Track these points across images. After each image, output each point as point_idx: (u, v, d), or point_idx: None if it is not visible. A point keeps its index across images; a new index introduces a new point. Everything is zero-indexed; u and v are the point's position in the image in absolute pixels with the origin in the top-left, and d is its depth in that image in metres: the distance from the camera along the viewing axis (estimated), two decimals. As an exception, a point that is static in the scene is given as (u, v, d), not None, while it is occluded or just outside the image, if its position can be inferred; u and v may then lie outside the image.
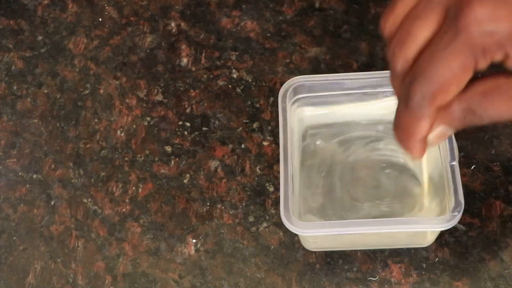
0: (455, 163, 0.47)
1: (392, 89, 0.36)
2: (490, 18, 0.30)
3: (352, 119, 0.54)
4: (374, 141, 0.53)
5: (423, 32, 0.33)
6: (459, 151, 0.52)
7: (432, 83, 0.32)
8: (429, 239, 0.51)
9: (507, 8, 0.30)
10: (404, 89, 0.33)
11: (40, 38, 0.65)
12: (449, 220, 0.44)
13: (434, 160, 0.50)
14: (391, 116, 0.35)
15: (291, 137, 0.49)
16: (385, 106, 0.52)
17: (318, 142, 0.54)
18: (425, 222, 0.46)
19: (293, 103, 0.52)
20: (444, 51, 0.31)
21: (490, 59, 0.31)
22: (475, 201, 0.52)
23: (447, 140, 0.47)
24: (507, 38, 0.30)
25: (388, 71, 0.35)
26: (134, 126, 0.59)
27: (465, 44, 0.31)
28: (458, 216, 0.44)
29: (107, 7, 0.66)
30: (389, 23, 0.34)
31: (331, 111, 0.53)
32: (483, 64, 0.31)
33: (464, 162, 0.54)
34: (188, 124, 0.59)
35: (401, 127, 0.34)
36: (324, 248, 0.52)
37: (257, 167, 0.56)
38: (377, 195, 0.51)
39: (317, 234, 0.47)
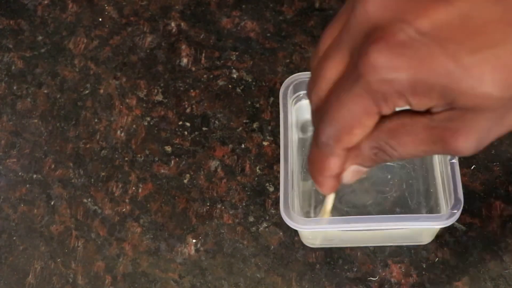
0: (455, 161, 0.47)
1: None
2: (388, 67, 0.29)
3: None
4: None
5: (331, 71, 0.32)
6: (459, 151, 0.52)
7: (335, 125, 0.32)
8: (429, 237, 0.51)
9: (405, 57, 0.29)
10: (315, 126, 0.33)
11: (40, 38, 0.65)
12: (448, 217, 0.45)
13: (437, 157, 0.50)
14: None
15: (291, 133, 0.49)
16: None
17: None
18: (425, 219, 0.46)
19: (294, 100, 0.52)
20: (347, 95, 0.30)
21: (393, 105, 0.30)
22: (475, 201, 0.52)
23: None
24: (406, 88, 0.29)
25: None
26: (134, 126, 0.59)
27: (365, 90, 0.30)
28: (458, 213, 0.44)
29: (107, 7, 0.66)
30: (314, 57, 0.34)
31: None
32: (387, 110, 0.30)
33: (464, 162, 0.54)
34: (188, 124, 0.59)
35: (312, 163, 0.34)
36: (324, 244, 0.52)
37: (257, 167, 0.56)
38: (379, 190, 0.51)
39: (316, 230, 0.47)
